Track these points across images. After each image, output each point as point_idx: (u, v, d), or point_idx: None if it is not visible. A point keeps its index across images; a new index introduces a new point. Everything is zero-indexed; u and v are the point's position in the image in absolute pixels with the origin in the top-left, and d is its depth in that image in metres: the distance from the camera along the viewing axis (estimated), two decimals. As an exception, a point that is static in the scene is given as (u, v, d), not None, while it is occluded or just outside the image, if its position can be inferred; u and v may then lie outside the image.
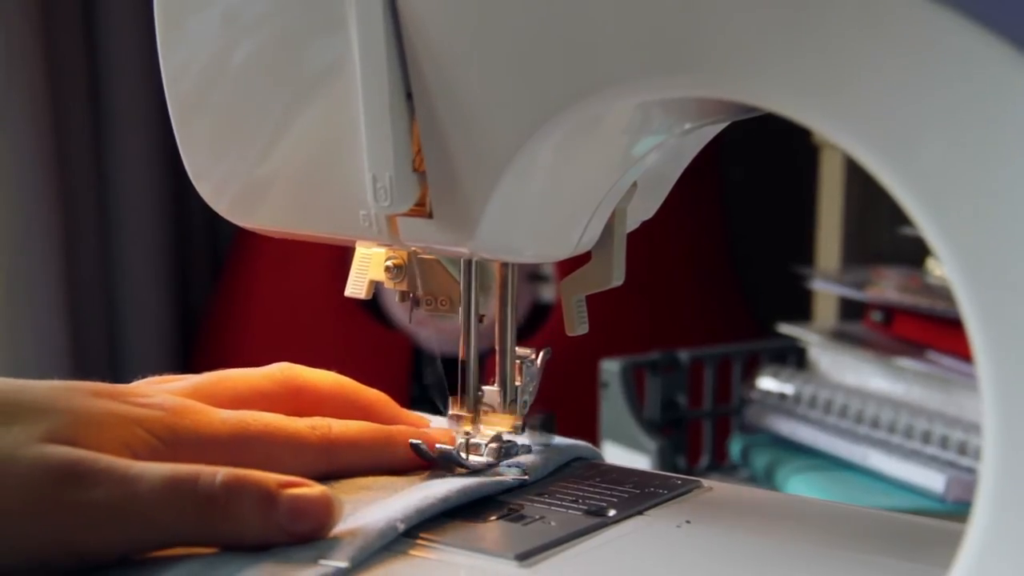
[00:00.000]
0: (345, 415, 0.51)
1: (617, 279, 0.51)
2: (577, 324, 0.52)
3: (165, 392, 0.47)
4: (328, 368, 0.53)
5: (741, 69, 0.38)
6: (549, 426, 0.53)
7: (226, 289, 1.64)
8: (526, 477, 0.50)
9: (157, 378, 0.50)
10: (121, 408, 0.44)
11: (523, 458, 0.51)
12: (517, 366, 0.52)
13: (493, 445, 0.51)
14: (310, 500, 0.42)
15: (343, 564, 0.41)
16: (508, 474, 0.50)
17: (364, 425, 0.50)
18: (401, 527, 0.43)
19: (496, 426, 0.52)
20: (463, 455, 0.50)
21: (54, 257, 1.48)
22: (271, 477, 0.42)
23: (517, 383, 0.52)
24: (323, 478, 0.48)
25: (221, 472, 0.42)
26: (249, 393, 0.50)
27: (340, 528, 0.43)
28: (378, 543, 0.42)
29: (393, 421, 0.52)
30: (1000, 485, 0.35)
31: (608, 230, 0.50)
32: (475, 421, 0.52)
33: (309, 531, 0.42)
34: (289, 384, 0.51)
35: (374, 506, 0.45)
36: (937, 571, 0.40)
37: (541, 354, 0.53)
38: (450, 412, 0.52)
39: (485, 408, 0.52)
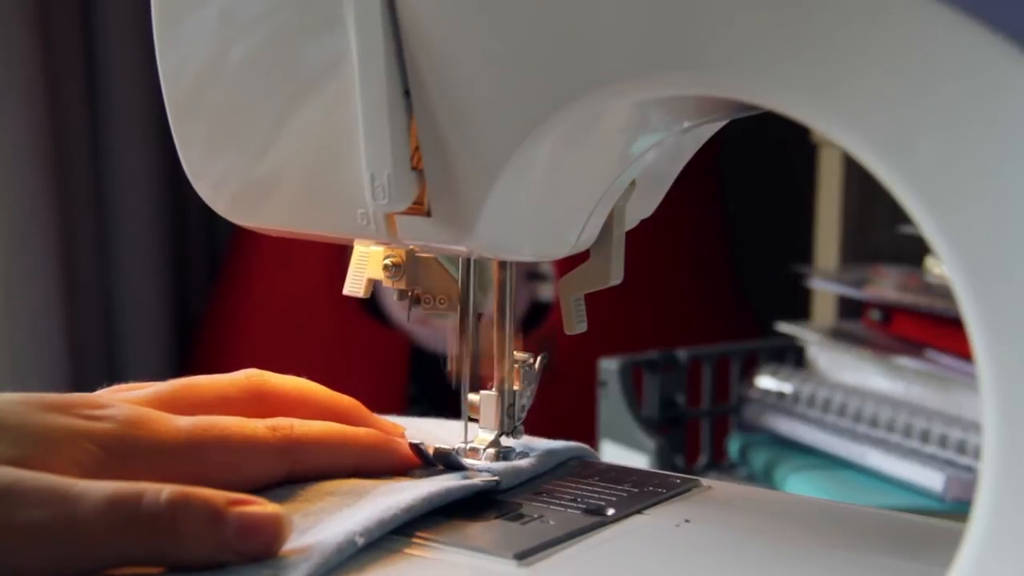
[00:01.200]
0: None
1: (616, 278, 0.51)
2: (576, 323, 0.52)
3: (124, 401, 0.46)
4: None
5: (740, 67, 0.38)
6: (550, 347, 0.52)
7: (224, 288, 1.64)
8: (496, 480, 0.49)
9: (121, 386, 0.49)
10: (72, 423, 0.43)
11: (495, 465, 0.51)
12: (516, 370, 0.52)
13: (491, 450, 0.51)
14: (259, 518, 0.41)
15: None
16: (478, 477, 0.49)
17: (327, 425, 0.49)
18: (360, 541, 0.42)
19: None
20: (461, 457, 0.50)
21: (51, 257, 1.48)
22: (219, 494, 0.41)
23: (515, 387, 0.52)
24: (289, 481, 0.47)
25: (166, 490, 0.40)
26: (214, 400, 0.49)
27: (301, 540, 0.42)
28: (336, 559, 0.41)
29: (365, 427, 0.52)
30: (1000, 484, 0.35)
31: (607, 228, 0.50)
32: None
33: (258, 549, 0.41)
34: (255, 390, 0.50)
35: (336, 517, 0.44)
36: (936, 570, 0.40)
37: (539, 358, 0.53)
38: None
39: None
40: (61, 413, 0.44)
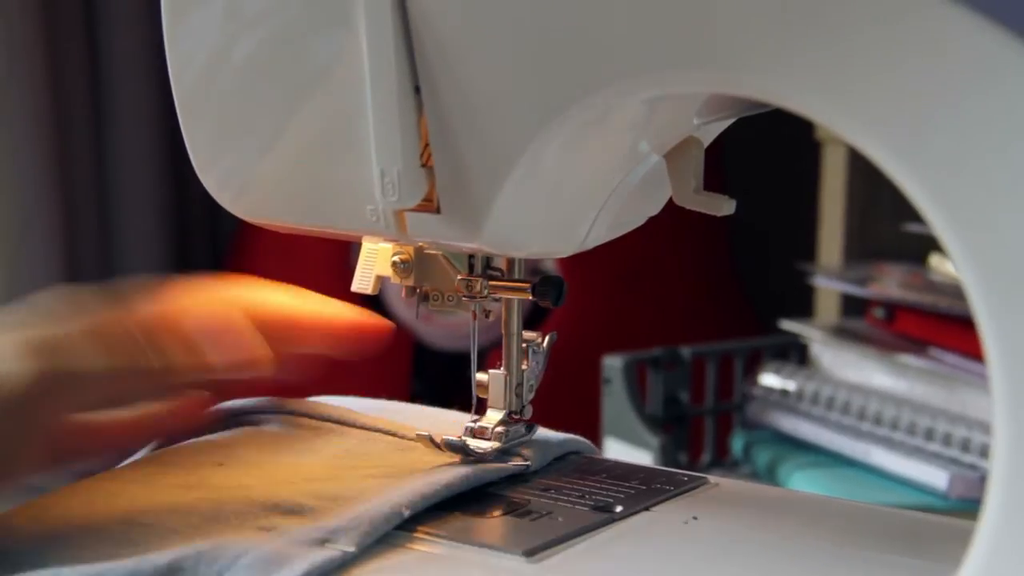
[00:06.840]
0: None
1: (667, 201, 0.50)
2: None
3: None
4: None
5: (753, 64, 0.38)
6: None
7: (227, 284, 1.64)
8: (528, 464, 0.50)
9: None
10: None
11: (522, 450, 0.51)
12: (524, 350, 0.52)
13: (499, 429, 0.51)
14: (217, 317, 0.46)
15: (350, 549, 0.41)
16: (510, 461, 0.50)
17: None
18: (406, 512, 0.43)
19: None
20: (469, 443, 0.50)
21: (55, 251, 1.48)
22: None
23: (524, 367, 0.52)
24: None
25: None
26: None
27: (346, 514, 0.43)
28: (383, 528, 0.43)
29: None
30: (1010, 482, 0.35)
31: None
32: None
33: (229, 345, 0.45)
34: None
35: (380, 493, 0.45)
36: (943, 567, 0.40)
37: (547, 338, 0.53)
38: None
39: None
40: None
